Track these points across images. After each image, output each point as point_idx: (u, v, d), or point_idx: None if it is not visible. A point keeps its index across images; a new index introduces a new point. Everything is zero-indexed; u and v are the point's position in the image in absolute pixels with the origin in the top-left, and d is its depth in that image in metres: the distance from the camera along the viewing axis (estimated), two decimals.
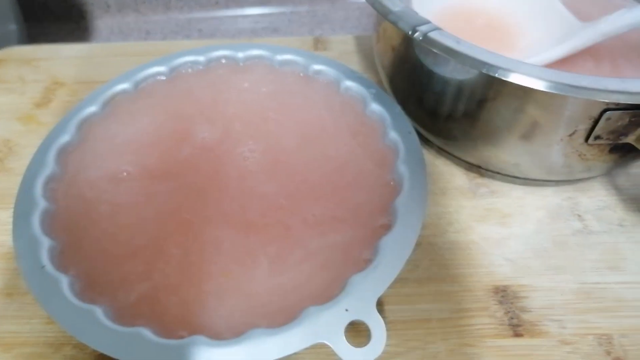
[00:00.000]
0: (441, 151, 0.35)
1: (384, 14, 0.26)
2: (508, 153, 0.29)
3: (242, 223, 0.26)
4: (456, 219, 0.32)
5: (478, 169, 0.34)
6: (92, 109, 0.31)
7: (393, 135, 0.29)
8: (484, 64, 0.23)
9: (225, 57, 0.35)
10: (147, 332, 0.21)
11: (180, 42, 0.47)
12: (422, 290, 0.29)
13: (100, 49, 0.44)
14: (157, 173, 0.29)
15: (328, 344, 0.21)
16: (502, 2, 0.36)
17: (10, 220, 0.25)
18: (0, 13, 0.48)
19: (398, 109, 0.31)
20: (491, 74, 0.23)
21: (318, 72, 0.34)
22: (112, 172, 0.29)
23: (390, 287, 0.29)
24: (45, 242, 0.24)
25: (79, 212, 0.27)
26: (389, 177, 0.28)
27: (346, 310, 0.22)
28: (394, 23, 0.25)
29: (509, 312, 0.28)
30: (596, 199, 0.33)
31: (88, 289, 0.23)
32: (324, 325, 0.21)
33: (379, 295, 0.23)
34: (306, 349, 0.21)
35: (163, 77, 0.34)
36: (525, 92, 0.25)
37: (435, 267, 0.30)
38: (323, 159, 0.29)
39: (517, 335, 0.27)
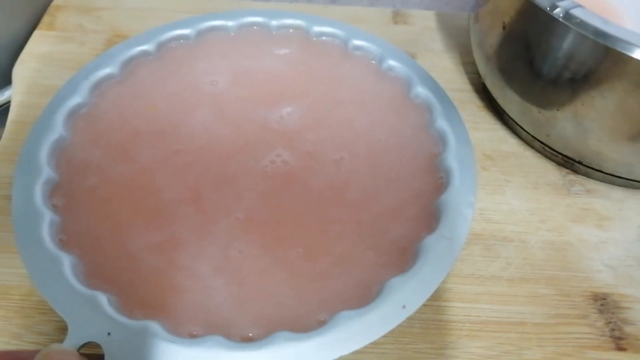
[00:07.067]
0: (534, 141, 0.32)
1: None
2: (623, 150, 0.27)
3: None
4: (549, 217, 0.30)
5: (572, 164, 0.31)
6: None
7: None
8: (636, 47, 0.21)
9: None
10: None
11: (246, 2, 0.44)
12: (514, 291, 0.27)
13: (165, 3, 0.41)
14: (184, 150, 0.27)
15: None
16: None
17: None
18: None
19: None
20: None
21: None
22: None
23: (481, 284, 0.27)
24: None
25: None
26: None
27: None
28: None
29: (610, 322, 0.26)
30: None
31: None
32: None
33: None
34: None
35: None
36: None
37: (527, 267, 0.28)
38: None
39: (620, 349, 0.25)
